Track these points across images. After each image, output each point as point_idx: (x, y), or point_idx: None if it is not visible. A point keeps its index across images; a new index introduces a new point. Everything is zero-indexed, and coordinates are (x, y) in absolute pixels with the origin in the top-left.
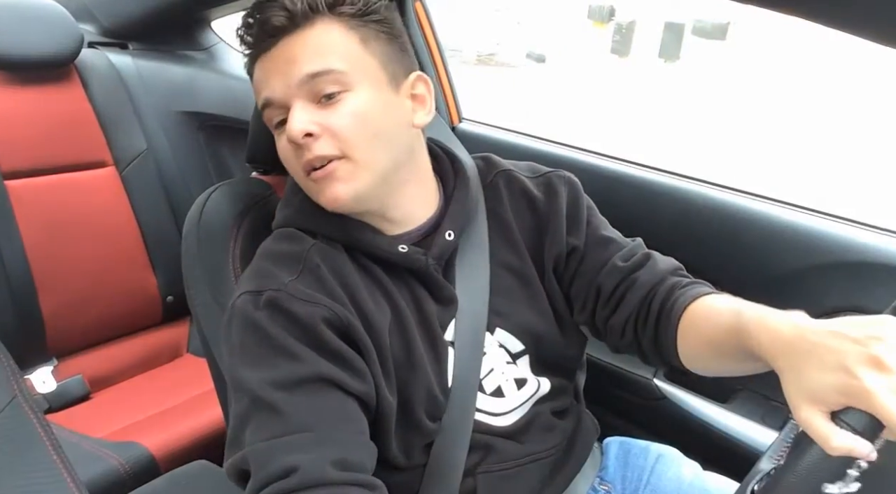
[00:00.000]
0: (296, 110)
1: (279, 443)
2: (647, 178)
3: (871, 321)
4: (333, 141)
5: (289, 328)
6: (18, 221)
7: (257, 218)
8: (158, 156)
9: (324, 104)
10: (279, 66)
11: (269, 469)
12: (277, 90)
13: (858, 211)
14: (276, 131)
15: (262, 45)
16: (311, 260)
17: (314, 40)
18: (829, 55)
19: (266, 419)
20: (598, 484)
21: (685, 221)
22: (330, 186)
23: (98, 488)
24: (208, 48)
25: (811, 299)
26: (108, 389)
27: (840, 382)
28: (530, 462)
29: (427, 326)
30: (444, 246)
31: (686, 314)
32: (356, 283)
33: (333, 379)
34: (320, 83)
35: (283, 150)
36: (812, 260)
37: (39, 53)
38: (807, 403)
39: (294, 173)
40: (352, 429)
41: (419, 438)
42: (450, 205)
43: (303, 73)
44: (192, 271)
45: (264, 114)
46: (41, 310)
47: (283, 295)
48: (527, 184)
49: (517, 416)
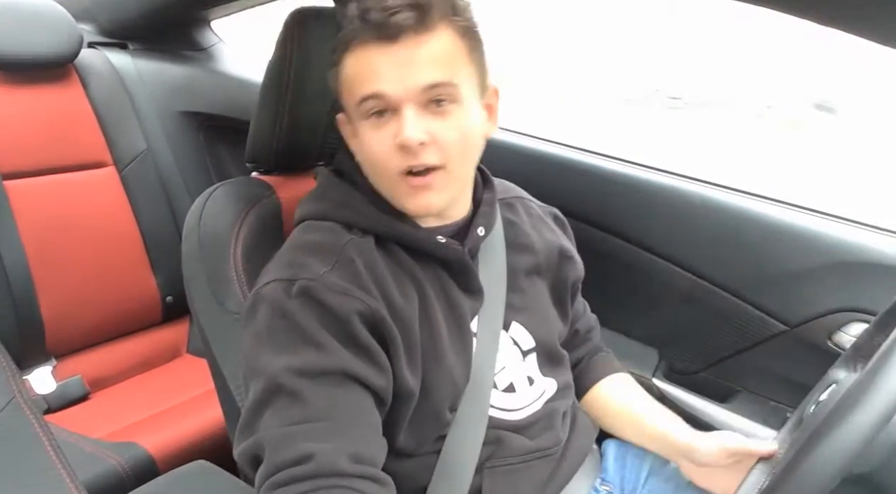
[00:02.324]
0: (410, 115)
1: (296, 430)
2: (646, 178)
3: None
4: (439, 152)
5: (321, 318)
6: (18, 221)
7: (258, 218)
8: (158, 156)
9: (433, 112)
10: (399, 65)
11: (283, 454)
12: (392, 88)
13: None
14: (366, 121)
15: (379, 35)
16: (346, 254)
17: (436, 48)
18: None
19: (285, 405)
20: (600, 485)
21: (684, 221)
22: (425, 195)
23: (97, 488)
24: (208, 48)
25: (811, 299)
26: (108, 389)
27: None
28: (539, 457)
29: (456, 316)
30: (476, 240)
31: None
32: (387, 277)
33: (356, 373)
34: (438, 93)
35: (376, 145)
36: (812, 260)
37: (39, 53)
38: None
39: (383, 169)
40: (367, 424)
41: (433, 428)
42: (479, 207)
43: (425, 81)
44: (192, 271)
45: (363, 104)
46: (40, 311)
47: (317, 285)
48: (540, 212)
49: (528, 413)
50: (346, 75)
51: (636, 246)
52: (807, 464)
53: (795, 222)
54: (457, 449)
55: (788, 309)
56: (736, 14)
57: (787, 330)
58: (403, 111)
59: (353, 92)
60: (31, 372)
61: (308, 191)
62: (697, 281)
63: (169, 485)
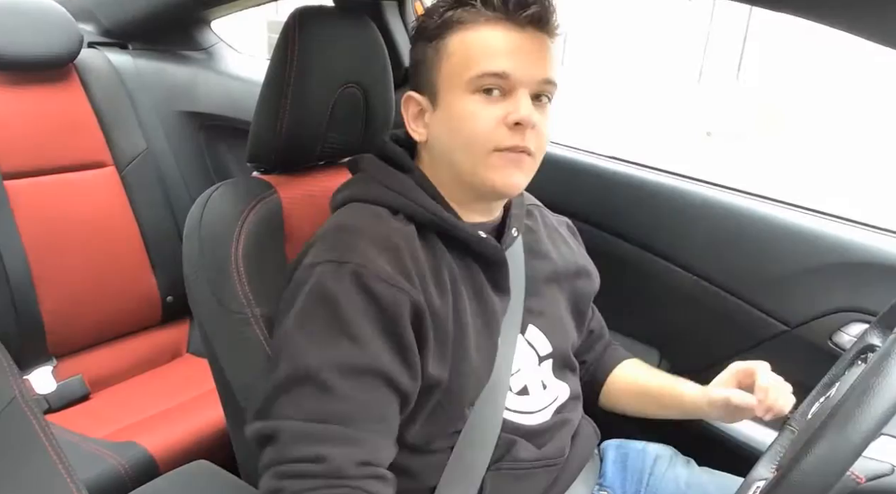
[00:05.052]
0: (525, 100)
1: (315, 429)
2: (646, 178)
3: None
4: (536, 140)
5: (367, 308)
6: (18, 221)
7: (259, 217)
8: (158, 156)
9: (535, 104)
10: (529, 52)
11: (298, 449)
12: (519, 72)
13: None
14: (477, 95)
15: (510, 18)
16: (392, 239)
17: (552, 49)
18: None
19: (309, 395)
20: (598, 490)
21: (685, 221)
22: (514, 172)
23: (97, 488)
24: (208, 48)
25: (811, 299)
26: (108, 389)
27: None
28: (542, 466)
29: (485, 313)
30: (510, 240)
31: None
32: (426, 269)
33: (389, 374)
34: (547, 88)
35: (482, 119)
36: (812, 260)
37: (39, 53)
38: None
39: (480, 142)
40: (385, 430)
41: (449, 423)
42: (511, 209)
43: (546, 75)
44: (193, 271)
45: (480, 79)
46: (41, 311)
47: (368, 272)
48: (554, 222)
49: (542, 419)
50: (459, 49)
51: (637, 246)
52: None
53: (796, 222)
54: (469, 449)
55: (789, 309)
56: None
57: (787, 330)
58: (519, 93)
59: (467, 66)
60: (32, 372)
61: (309, 190)
62: (698, 281)
63: (169, 485)
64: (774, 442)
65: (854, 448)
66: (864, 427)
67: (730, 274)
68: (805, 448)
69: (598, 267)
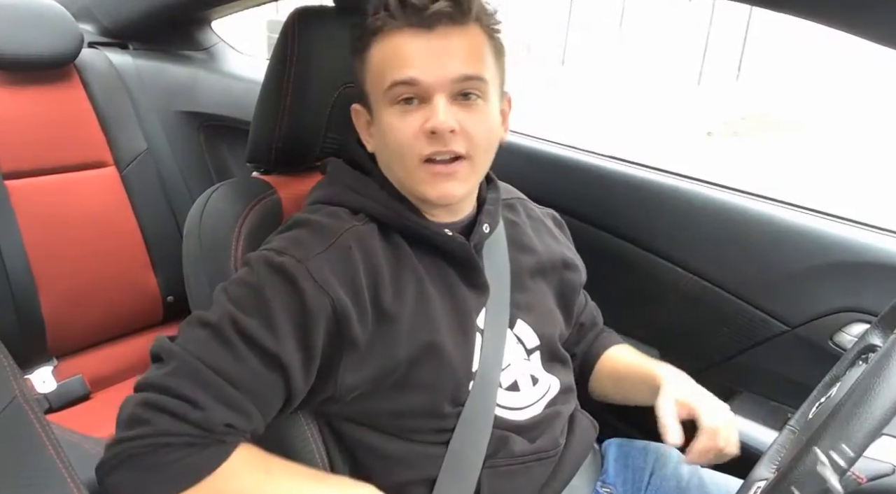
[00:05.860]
0: (441, 104)
1: (206, 374)
2: (647, 178)
3: None
4: (466, 141)
5: (289, 302)
6: (19, 221)
7: (258, 217)
8: (158, 156)
9: (461, 104)
10: (436, 53)
11: (182, 382)
12: (427, 75)
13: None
14: (395, 107)
15: (414, 22)
16: (344, 239)
17: (471, 42)
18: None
19: (217, 347)
20: (600, 487)
21: (685, 221)
22: (447, 183)
23: (98, 488)
24: (208, 48)
25: (812, 299)
26: (109, 389)
27: None
28: (536, 459)
29: (459, 310)
30: (481, 236)
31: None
32: (383, 268)
33: (287, 367)
34: (468, 86)
35: (402, 130)
36: (812, 260)
37: (39, 53)
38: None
39: (406, 155)
40: (263, 412)
41: (431, 420)
42: (484, 205)
43: (460, 72)
44: (193, 271)
45: (393, 89)
46: (41, 310)
47: (301, 268)
48: (539, 214)
49: (532, 413)
50: (375, 61)
51: (637, 245)
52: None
53: (796, 222)
54: (464, 445)
55: (789, 309)
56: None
57: (788, 330)
58: (435, 99)
59: (382, 77)
60: (33, 372)
61: (308, 190)
62: (698, 281)
63: None
64: (774, 442)
65: (854, 449)
66: (865, 427)
67: (731, 273)
68: (805, 448)
69: (599, 267)
